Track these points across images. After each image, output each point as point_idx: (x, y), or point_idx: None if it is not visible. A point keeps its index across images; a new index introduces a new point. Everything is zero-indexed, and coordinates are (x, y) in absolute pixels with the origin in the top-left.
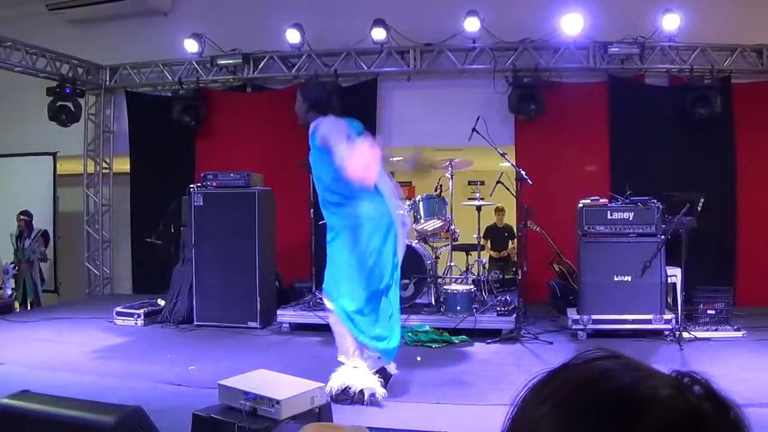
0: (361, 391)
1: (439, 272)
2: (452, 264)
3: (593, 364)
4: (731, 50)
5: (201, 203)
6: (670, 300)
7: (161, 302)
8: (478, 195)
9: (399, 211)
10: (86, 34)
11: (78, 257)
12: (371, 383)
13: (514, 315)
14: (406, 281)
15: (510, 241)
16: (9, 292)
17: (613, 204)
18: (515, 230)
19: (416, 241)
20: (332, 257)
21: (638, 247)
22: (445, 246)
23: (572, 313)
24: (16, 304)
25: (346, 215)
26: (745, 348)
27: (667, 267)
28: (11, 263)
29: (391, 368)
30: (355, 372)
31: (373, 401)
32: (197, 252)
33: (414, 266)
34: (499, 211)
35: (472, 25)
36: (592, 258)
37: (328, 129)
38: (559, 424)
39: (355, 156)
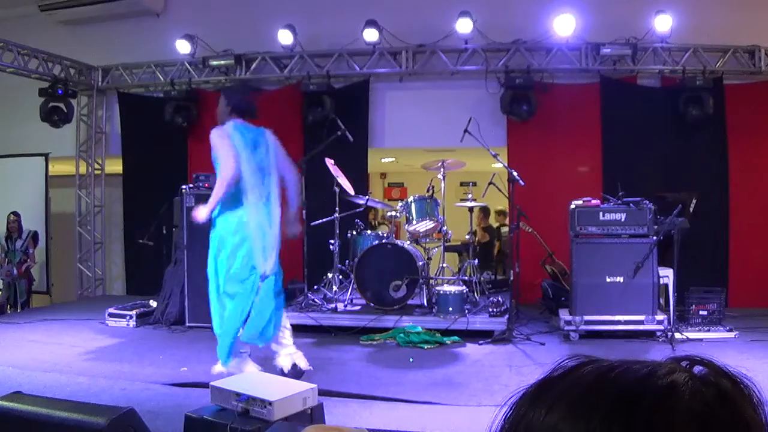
0: None
1: (432, 273)
2: (444, 265)
3: (589, 366)
4: (723, 51)
5: (193, 204)
6: (662, 301)
7: (153, 303)
8: (470, 196)
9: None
10: (78, 34)
11: (70, 258)
12: None
13: (506, 316)
14: (399, 282)
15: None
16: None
17: (605, 205)
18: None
19: (408, 242)
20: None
21: (630, 248)
22: (437, 247)
23: (564, 314)
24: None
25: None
26: (738, 349)
27: (659, 268)
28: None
29: (303, 364)
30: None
31: None
32: (189, 253)
33: (406, 267)
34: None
35: (464, 26)
36: (585, 259)
37: (216, 139)
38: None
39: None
